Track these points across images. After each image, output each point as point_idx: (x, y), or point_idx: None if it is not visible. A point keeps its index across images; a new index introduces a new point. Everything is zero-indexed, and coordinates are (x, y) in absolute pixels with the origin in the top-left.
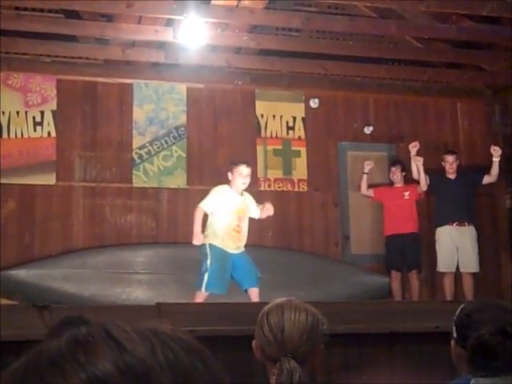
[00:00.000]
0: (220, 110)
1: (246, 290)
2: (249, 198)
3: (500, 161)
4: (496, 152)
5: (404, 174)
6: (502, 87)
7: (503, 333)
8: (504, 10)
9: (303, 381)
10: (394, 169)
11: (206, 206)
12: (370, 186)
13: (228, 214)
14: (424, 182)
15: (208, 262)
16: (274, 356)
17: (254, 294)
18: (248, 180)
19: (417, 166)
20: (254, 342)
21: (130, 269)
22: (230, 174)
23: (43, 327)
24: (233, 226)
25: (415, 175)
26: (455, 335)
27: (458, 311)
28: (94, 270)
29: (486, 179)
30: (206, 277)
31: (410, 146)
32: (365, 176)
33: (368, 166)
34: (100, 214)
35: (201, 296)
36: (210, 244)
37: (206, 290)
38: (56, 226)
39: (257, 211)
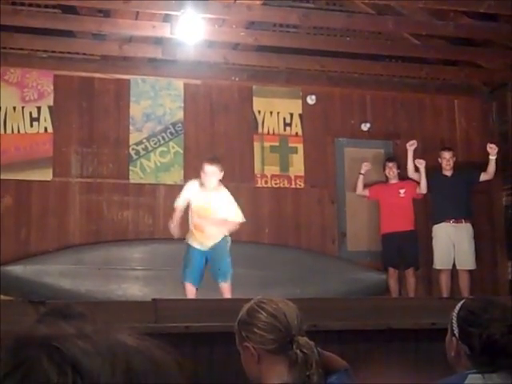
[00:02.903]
0: (217, 106)
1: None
2: (225, 197)
3: (496, 158)
4: (492, 150)
5: (399, 171)
6: (500, 84)
7: None
8: (501, 8)
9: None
10: (390, 164)
11: (178, 201)
12: (366, 184)
13: (191, 210)
14: (425, 184)
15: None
16: (282, 341)
17: (223, 290)
18: (213, 178)
19: (419, 168)
20: (244, 344)
21: (127, 265)
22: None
23: None
24: (193, 222)
25: (411, 174)
26: (457, 331)
27: (458, 308)
28: (91, 266)
29: (483, 176)
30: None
31: (408, 145)
32: (361, 177)
33: (365, 168)
34: (97, 210)
35: (186, 287)
36: (186, 239)
37: (184, 280)
38: (52, 221)
39: (234, 213)
